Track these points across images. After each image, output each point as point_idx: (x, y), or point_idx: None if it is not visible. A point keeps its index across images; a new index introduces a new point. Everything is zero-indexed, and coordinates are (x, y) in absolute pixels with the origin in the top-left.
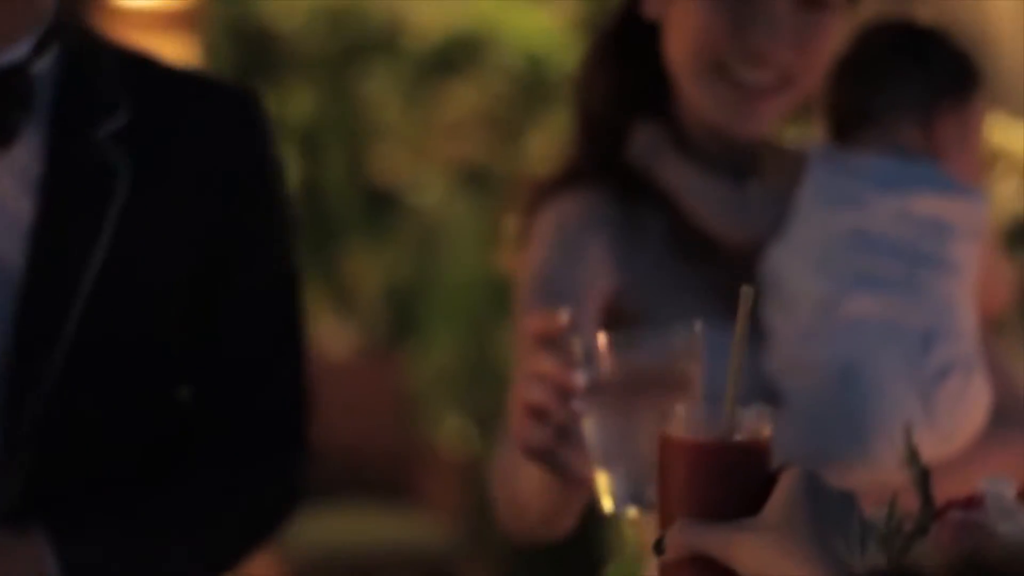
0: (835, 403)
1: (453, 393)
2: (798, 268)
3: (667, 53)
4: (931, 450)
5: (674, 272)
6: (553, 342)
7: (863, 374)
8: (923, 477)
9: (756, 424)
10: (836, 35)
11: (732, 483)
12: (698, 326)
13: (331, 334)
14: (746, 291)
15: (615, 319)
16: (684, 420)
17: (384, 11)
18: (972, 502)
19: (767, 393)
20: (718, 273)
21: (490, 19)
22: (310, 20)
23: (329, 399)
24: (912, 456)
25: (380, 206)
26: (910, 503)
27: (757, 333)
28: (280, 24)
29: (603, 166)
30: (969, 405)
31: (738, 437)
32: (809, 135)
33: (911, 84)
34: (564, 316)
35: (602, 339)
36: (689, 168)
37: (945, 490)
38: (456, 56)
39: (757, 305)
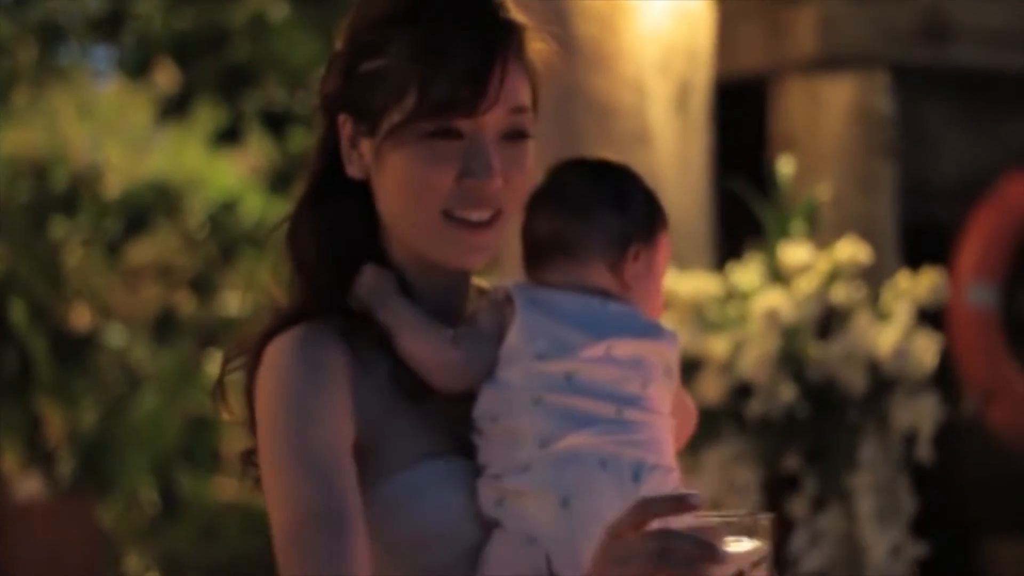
0: (553, 528)
1: (142, 535)
2: (514, 409)
3: (382, 206)
4: None
5: (399, 411)
6: None
7: (579, 501)
8: None
9: None
10: (530, 163)
11: None
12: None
13: (21, 477)
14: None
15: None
16: None
17: (78, 162)
18: None
19: (488, 522)
20: (445, 410)
21: (180, 169)
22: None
23: (18, 541)
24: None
25: (68, 352)
26: None
27: (476, 468)
28: None
29: (326, 309)
30: None
31: None
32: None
33: (610, 221)
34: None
35: None
36: (411, 311)
37: None
38: (145, 206)
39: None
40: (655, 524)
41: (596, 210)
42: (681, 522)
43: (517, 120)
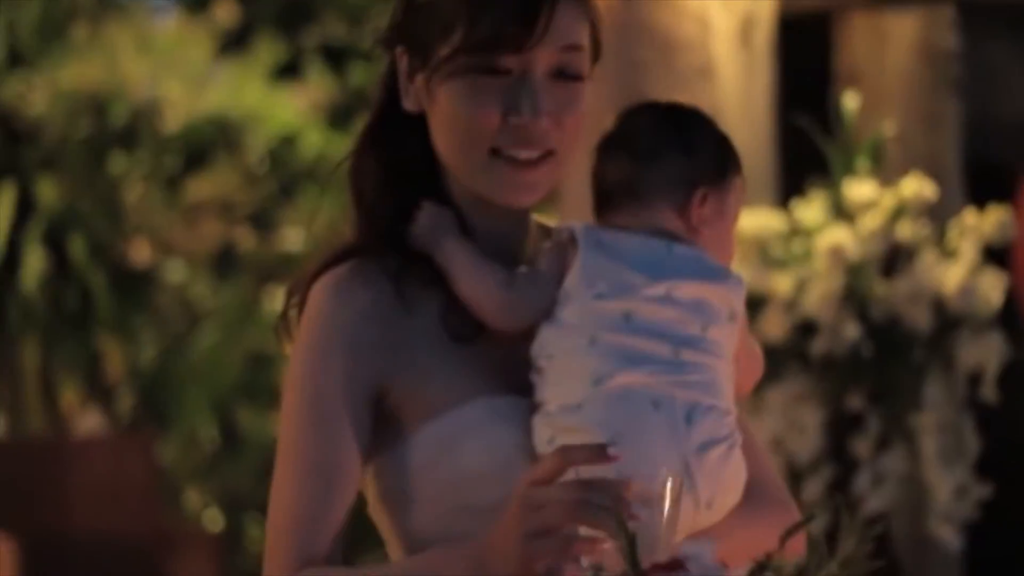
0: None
1: (201, 471)
2: (569, 348)
3: (436, 143)
4: (691, 518)
5: (448, 352)
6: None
7: (628, 440)
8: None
9: None
10: (585, 104)
11: None
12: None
13: (81, 413)
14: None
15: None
16: None
17: (136, 97)
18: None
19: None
20: (492, 353)
21: (239, 104)
22: (57, 105)
23: (78, 478)
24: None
25: (127, 288)
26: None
27: (531, 406)
28: (26, 110)
29: (383, 247)
30: (729, 478)
31: None
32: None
33: (676, 164)
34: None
35: None
36: (468, 251)
37: None
38: (204, 141)
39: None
40: (571, 475)
41: (662, 153)
42: (593, 472)
43: (569, 59)
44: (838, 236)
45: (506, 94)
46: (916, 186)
